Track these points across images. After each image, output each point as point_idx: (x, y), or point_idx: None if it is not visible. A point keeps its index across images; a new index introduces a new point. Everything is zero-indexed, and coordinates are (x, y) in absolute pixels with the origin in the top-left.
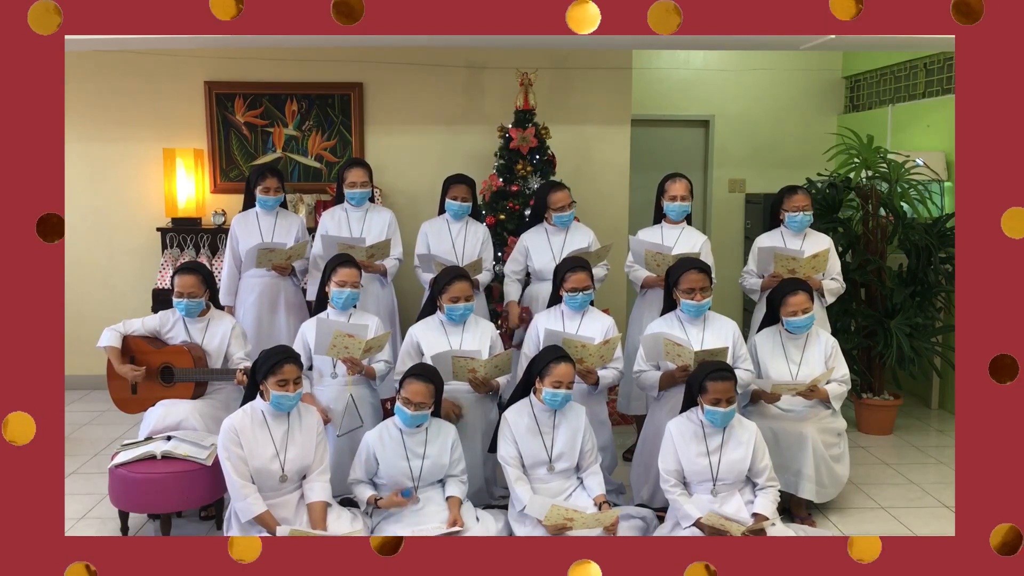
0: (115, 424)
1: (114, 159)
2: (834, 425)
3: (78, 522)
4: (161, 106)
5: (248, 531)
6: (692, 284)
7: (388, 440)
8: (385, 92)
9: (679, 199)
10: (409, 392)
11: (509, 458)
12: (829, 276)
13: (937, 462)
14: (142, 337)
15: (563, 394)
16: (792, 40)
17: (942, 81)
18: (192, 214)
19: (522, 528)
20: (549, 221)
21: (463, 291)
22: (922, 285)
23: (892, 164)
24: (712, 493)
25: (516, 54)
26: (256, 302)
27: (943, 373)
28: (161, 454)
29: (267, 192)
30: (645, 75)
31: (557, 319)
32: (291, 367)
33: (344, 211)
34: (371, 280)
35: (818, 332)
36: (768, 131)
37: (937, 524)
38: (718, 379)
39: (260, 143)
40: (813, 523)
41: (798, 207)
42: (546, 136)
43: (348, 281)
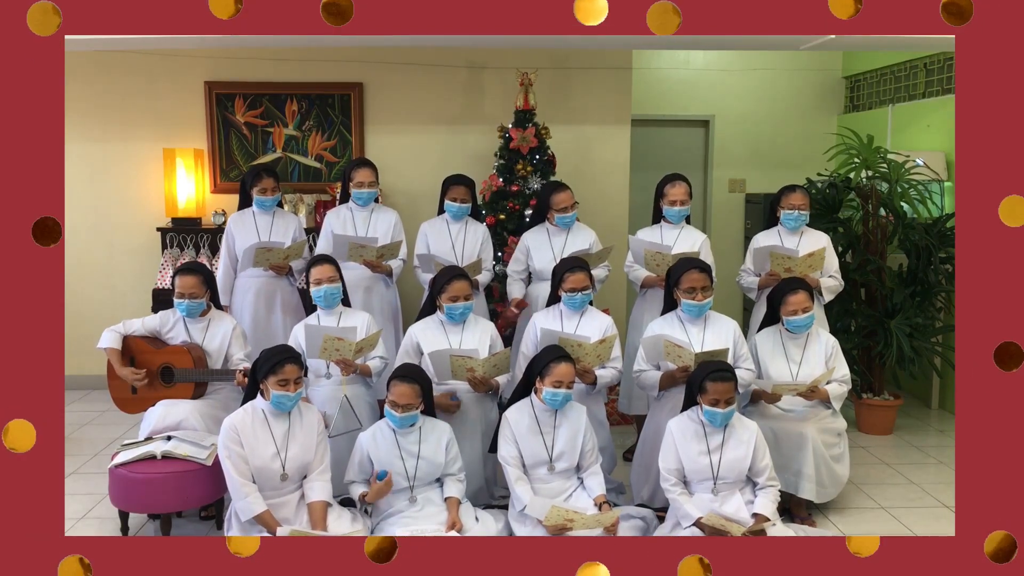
0: (115, 424)
1: (114, 159)
2: (834, 425)
3: (78, 522)
4: (161, 106)
5: (248, 531)
6: (693, 284)
7: (382, 440)
8: (385, 92)
9: (679, 203)
10: (395, 395)
11: (509, 458)
12: (827, 274)
13: (937, 462)
14: (142, 337)
15: (563, 394)
16: (792, 40)
17: (942, 81)
18: (192, 214)
19: (522, 528)
20: (551, 221)
21: (462, 290)
22: (922, 285)
23: (892, 164)
24: (712, 492)
25: (516, 54)
26: (253, 302)
27: (943, 373)
28: (161, 454)
29: (264, 193)
30: (645, 75)
31: (555, 319)
32: (292, 367)
33: (350, 211)
34: (376, 280)
35: (818, 332)
36: (768, 131)
37: (937, 524)
38: (718, 380)
39: (260, 143)
40: (813, 523)
41: (794, 206)
42: (546, 136)
43: (323, 279)
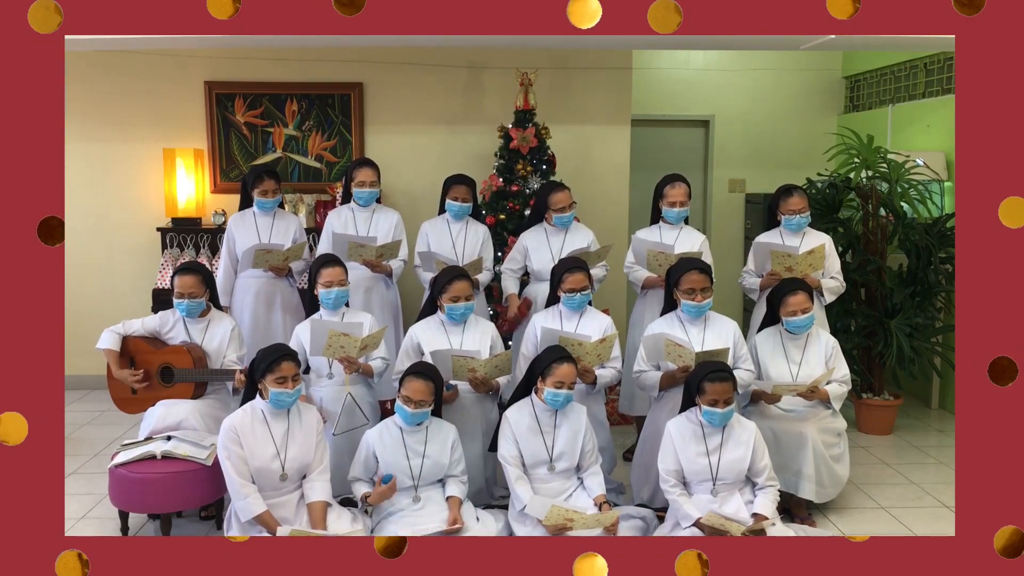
0: (115, 424)
1: (114, 159)
2: (834, 425)
3: (78, 522)
4: (161, 106)
5: (248, 531)
6: (693, 284)
7: (388, 439)
8: (385, 92)
9: (678, 204)
10: (409, 390)
11: (510, 457)
12: (828, 275)
13: (937, 462)
14: (141, 338)
15: (564, 394)
16: (792, 40)
17: (942, 81)
18: (192, 214)
19: (522, 528)
20: (549, 221)
21: (463, 290)
22: (922, 285)
23: (892, 164)
24: (712, 493)
25: (516, 54)
26: (252, 302)
27: (943, 373)
28: (161, 454)
29: (265, 195)
30: (645, 75)
31: (555, 319)
32: (289, 364)
33: (351, 211)
34: (376, 281)
35: (818, 332)
36: (768, 131)
37: (937, 524)
38: (716, 380)
39: (260, 143)
40: (813, 523)
41: (795, 210)
42: (546, 136)
43: (334, 281)
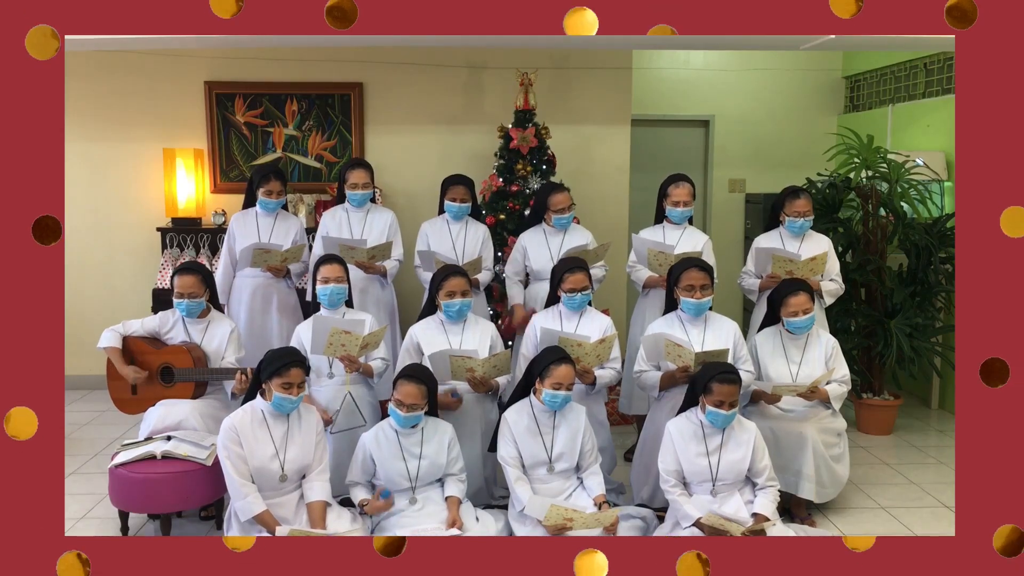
0: (115, 424)
1: (114, 159)
2: (834, 425)
3: (78, 522)
4: (161, 106)
5: (248, 531)
6: (692, 281)
7: (384, 441)
8: (385, 92)
9: (682, 204)
10: (401, 394)
11: (509, 458)
12: (828, 277)
13: (937, 462)
14: (141, 338)
15: (563, 395)
16: (792, 40)
17: (942, 81)
18: (192, 214)
19: (522, 528)
20: (548, 222)
21: (459, 286)
22: (922, 285)
23: (892, 164)
24: (712, 493)
25: (516, 54)
26: (249, 301)
27: (943, 373)
28: (161, 454)
29: (269, 195)
30: (645, 75)
31: (555, 319)
32: (298, 371)
33: (345, 211)
34: (371, 281)
35: (818, 332)
36: (768, 131)
37: (937, 524)
38: (724, 382)
39: (260, 143)
40: (813, 523)
41: (799, 212)
42: (546, 136)
43: (331, 277)
